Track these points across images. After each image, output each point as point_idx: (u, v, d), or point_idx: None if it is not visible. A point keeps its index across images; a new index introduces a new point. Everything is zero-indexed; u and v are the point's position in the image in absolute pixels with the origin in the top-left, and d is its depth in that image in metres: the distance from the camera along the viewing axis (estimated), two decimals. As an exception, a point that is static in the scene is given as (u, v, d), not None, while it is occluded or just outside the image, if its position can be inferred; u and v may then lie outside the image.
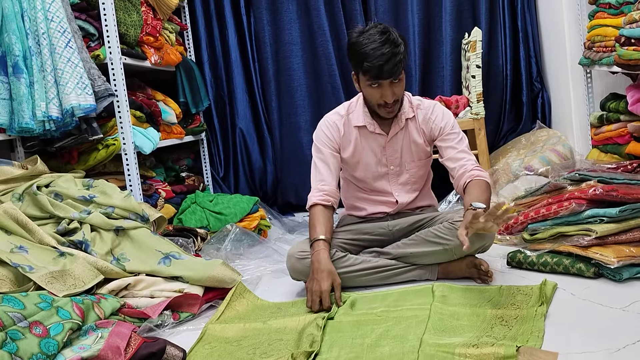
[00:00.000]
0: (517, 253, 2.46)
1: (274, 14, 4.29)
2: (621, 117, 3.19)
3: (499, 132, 4.38)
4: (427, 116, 2.49)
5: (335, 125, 2.52)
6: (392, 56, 2.23)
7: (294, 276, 2.44)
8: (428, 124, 2.49)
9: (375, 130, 2.49)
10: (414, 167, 2.55)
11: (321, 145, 2.52)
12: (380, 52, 2.23)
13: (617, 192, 2.26)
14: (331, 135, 2.52)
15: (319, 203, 2.43)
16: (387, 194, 2.58)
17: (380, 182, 2.57)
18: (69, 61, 2.63)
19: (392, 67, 2.24)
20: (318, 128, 2.57)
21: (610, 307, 1.93)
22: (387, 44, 2.24)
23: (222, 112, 4.39)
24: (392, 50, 2.24)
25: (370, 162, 2.54)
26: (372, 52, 2.24)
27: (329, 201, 2.45)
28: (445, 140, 2.47)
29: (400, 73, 2.29)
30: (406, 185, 2.58)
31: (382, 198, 2.59)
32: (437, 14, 4.26)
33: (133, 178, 3.05)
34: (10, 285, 2.06)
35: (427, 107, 2.51)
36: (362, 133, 2.51)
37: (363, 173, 2.57)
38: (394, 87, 2.31)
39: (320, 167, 2.51)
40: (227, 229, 3.20)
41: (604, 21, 3.18)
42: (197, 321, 2.23)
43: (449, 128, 2.47)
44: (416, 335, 1.81)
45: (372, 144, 2.52)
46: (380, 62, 2.22)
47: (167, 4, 3.61)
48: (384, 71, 2.24)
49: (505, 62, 4.31)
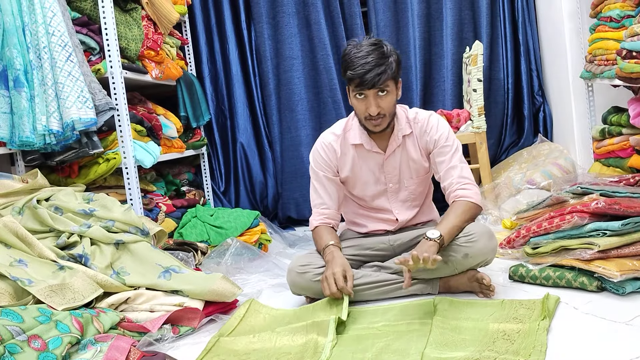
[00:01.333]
0: (519, 267, 2.44)
1: (275, 28, 4.31)
2: (623, 130, 3.18)
3: (500, 145, 4.37)
4: (422, 129, 2.48)
5: (331, 147, 2.52)
6: (376, 66, 2.24)
7: (294, 290, 2.42)
8: (424, 137, 2.48)
9: (373, 148, 2.48)
10: (412, 184, 2.55)
11: (318, 169, 2.53)
12: (364, 60, 2.24)
13: (619, 205, 2.25)
14: (327, 157, 2.52)
15: (321, 226, 2.50)
16: (387, 211, 2.57)
17: (379, 200, 2.57)
18: (69, 75, 2.63)
19: (375, 77, 2.23)
20: (314, 149, 2.57)
21: (613, 321, 1.91)
22: (374, 53, 2.25)
23: (223, 126, 4.40)
24: (377, 60, 2.24)
25: (368, 181, 2.54)
26: (356, 60, 2.25)
27: (330, 224, 2.52)
28: (438, 153, 2.46)
29: (385, 84, 2.27)
30: (406, 202, 2.57)
31: (382, 215, 2.59)
32: (438, 28, 4.27)
33: (133, 192, 3.05)
34: (9, 299, 2.04)
35: (423, 119, 2.50)
36: (359, 151, 2.51)
37: (361, 191, 2.56)
38: (380, 100, 2.30)
39: (319, 190, 2.53)
40: (227, 243, 3.19)
41: (605, 34, 3.18)
42: (197, 335, 2.21)
43: (443, 140, 2.45)
44: (417, 349, 1.79)
45: (370, 162, 2.51)
46: (362, 70, 2.23)
47: (168, 18, 3.62)
48: (366, 80, 2.23)
49: (506, 75, 4.31)
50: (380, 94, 2.29)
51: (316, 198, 2.54)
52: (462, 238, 2.27)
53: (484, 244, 2.26)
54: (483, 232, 2.29)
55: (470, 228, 2.30)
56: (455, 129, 3.85)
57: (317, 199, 2.54)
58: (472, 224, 2.34)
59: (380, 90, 2.28)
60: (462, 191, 2.37)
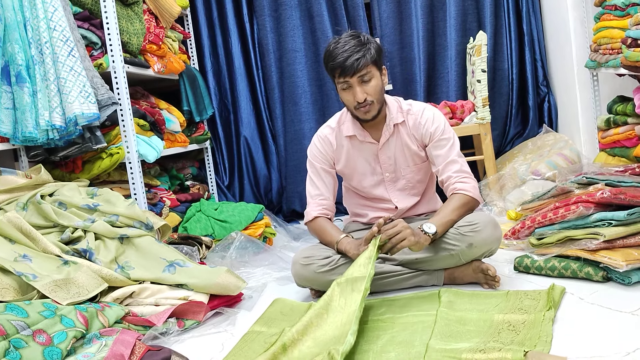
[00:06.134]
0: (524, 258, 2.44)
1: (277, 21, 4.29)
2: (628, 119, 3.17)
3: (505, 136, 4.35)
4: (417, 121, 2.48)
5: (328, 140, 2.55)
6: (355, 52, 2.27)
7: (299, 282, 2.42)
8: (419, 130, 2.48)
9: (366, 139, 2.50)
10: (409, 173, 2.55)
11: (315, 161, 2.56)
12: (343, 49, 2.28)
13: (625, 195, 2.24)
14: (324, 150, 2.55)
15: (320, 216, 2.50)
16: (386, 200, 2.58)
17: (377, 190, 2.58)
18: (71, 70, 2.63)
19: (354, 62, 2.26)
20: (312, 144, 2.60)
21: (619, 311, 1.90)
22: (352, 42, 2.29)
23: (226, 120, 4.39)
24: (355, 47, 2.28)
25: (364, 172, 2.55)
26: (336, 50, 2.29)
27: (328, 215, 2.53)
28: (435, 147, 2.46)
29: (366, 70, 2.29)
30: (404, 190, 2.58)
31: (382, 205, 2.60)
32: (442, 19, 4.25)
33: (137, 187, 3.05)
34: (14, 294, 2.05)
35: (417, 111, 2.50)
36: (354, 143, 2.52)
37: (359, 182, 2.58)
38: (365, 86, 2.32)
39: (316, 182, 2.55)
40: (232, 237, 3.19)
41: (610, 23, 3.15)
42: (202, 329, 2.21)
43: (439, 133, 2.46)
44: (422, 341, 1.79)
45: (365, 152, 2.53)
46: (341, 58, 2.27)
47: (169, 12, 3.61)
48: (346, 66, 2.26)
49: (510, 66, 4.29)
50: (365, 80, 2.31)
51: (313, 189, 2.55)
52: (467, 227, 2.27)
53: (488, 234, 2.26)
54: (487, 221, 2.28)
55: (475, 217, 2.30)
56: (459, 120, 3.83)
57: (314, 190, 2.55)
58: (476, 214, 2.34)
59: (363, 76, 2.30)
60: (460, 184, 2.37)
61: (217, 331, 2.18)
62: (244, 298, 2.48)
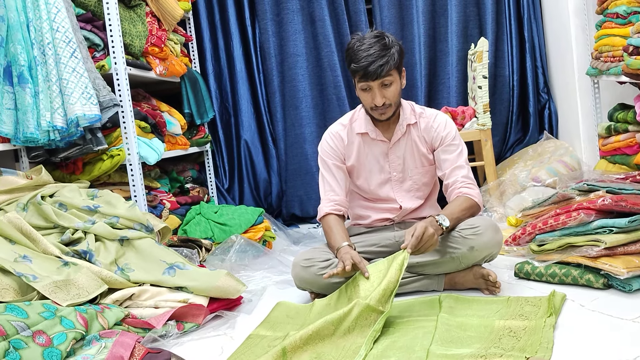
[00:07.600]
0: (524, 264, 2.44)
1: (279, 25, 4.30)
2: (629, 127, 3.17)
3: (505, 143, 4.36)
4: (429, 124, 2.50)
5: (339, 135, 2.55)
6: (379, 57, 2.27)
7: (299, 285, 2.42)
8: (430, 133, 2.50)
9: (378, 137, 2.50)
10: (417, 174, 2.55)
11: (326, 157, 2.55)
12: (367, 53, 2.27)
13: (626, 202, 2.24)
14: (335, 146, 2.54)
15: (332, 213, 2.47)
16: (391, 200, 2.58)
17: (383, 189, 2.57)
18: (74, 71, 2.62)
19: (378, 68, 2.26)
20: (322, 140, 2.60)
21: (620, 318, 1.90)
22: (376, 45, 2.29)
23: (227, 123, 4.39)
24: (379, 52, 2.27)
25: (373, 169, 2.55)
26: (360, 53, 2.29)
27: (341, 211, 2.50)
28: (444, 151, 2.48)
29: (388, 75, 2.30)
30: (410, 191, 2.58)
31: (386, 205, 2.59)
32: (443, 25, 4.26)
33: (138, 189, 3.04)
34: (14, 295, 2.04)
35: (430, 115, 2.53)
36: (365, 140, 2.53)
37: (366, 181, 2.57)
38: (384, 90, 2.33)
39: (328, 178, 2.54)
40: (231, 240, 3.19)
41: (611, 31, 3.16)
42: (201, 331, 2.21)
43: (450, 139, 2.48)
44: (423, 346, 1.79)
45: (375, 150, 2.53)
46: (365, 62, 2.27)
47: (172, 15, 3.61)
48: (370, 72, 2.27)
49: (511, 72, 4.30)
50: (385, 85, 2.32)
51: (325, 186, 2.55)
52: (468, 230, 2.28)
53: (489, 237, 2.27)
54: (489, 225, 2.29)
55: (476, 221, 2.31)
56: (460, 126, 3.84)
57: (326, 186, 2.54)
58: (478, 217, 2.36)
59: (384, 81, 2.31)
60: (466, 189, 2.40)
61: (217, 334, 2.18)
62: (243, 301, 2.48)
